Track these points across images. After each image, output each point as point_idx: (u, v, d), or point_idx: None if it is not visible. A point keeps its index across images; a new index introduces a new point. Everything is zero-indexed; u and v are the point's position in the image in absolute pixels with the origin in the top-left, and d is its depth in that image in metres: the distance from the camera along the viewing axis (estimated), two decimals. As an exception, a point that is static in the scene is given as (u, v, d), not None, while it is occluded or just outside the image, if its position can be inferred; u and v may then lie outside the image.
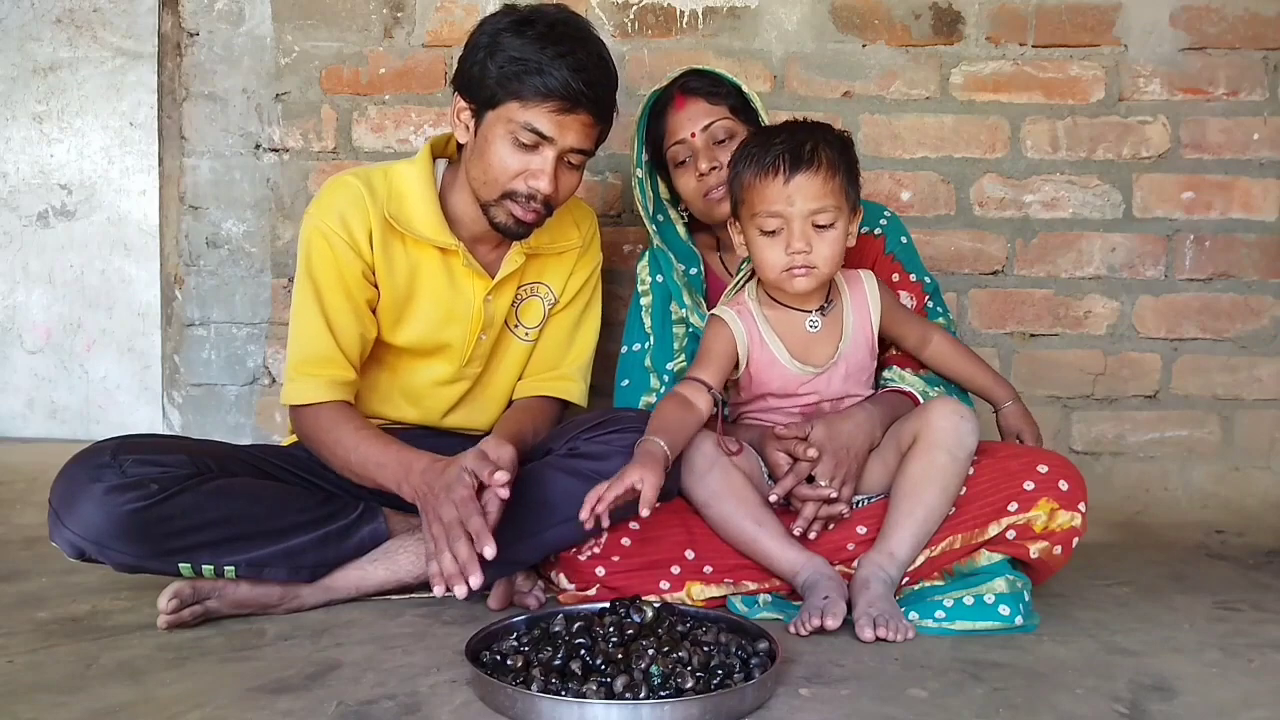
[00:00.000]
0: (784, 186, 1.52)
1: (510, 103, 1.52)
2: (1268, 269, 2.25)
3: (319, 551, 1.52)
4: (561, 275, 1.80)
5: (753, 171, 1.55)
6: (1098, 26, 2.24)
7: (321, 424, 1.57)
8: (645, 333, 1.87)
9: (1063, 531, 1.51)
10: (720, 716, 1.11)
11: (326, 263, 1.60)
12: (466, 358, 1.72)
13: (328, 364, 1.59)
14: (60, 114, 2.46)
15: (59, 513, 1.42)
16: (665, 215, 1.91)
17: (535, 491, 1.53)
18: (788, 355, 1.64)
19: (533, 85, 1.50)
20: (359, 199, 1.61)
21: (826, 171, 1.53)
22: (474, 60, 1.54)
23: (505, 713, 1.12)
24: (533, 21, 1.52)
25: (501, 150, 1.55)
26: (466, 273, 1.68)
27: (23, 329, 2.50)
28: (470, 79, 1.56)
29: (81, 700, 1.16)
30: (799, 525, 1.57)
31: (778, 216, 1.54)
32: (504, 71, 1.51)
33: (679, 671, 1.15)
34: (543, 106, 1.51)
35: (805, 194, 1.52)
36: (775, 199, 1.53)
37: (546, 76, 1.49)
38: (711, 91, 1.78)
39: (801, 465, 1.57)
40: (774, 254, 1.56)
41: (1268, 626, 1.51)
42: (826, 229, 1.55)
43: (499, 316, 1.74)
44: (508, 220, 1.60)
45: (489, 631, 1.30)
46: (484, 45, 1.53)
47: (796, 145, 1.53)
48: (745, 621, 1.37)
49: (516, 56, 1.50)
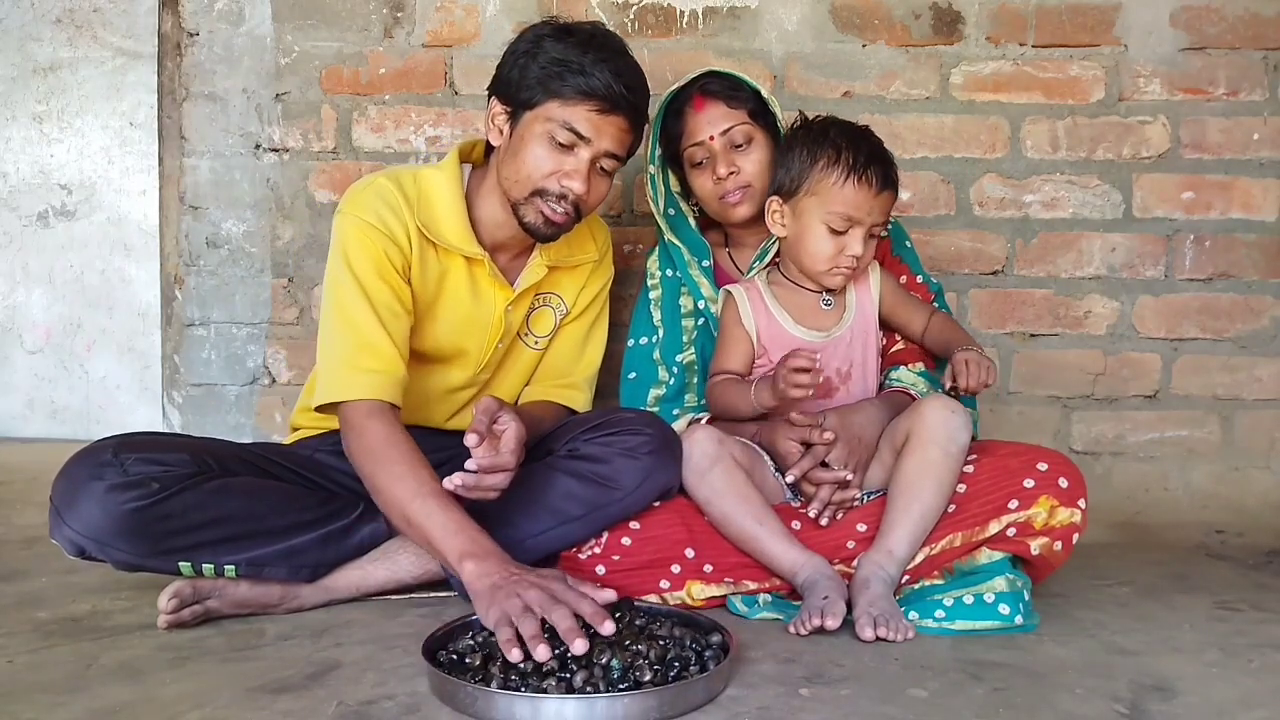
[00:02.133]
0: (874, 198, 1.63)
1: (550, 102, 1.53)
2: (1268, 269, 2.26)
3: (319, 551, 1.52)
4: (574, 287, 1.81)
5: (844, 172, 1.63)
6: (1098, 26, 2.24)
7: (377, 438, 1.45)
8: (654, 325, 1.88)
9: (1063, 528, 1.51)
10: (674, 709, 1.12)
11: (371, 255, 1.55)
12: (482, 365, 1.72)
13: (380, 357, 1.51)
14: (60, 114, 2.47)
15: (60, 510, 1.42)
16: (677, 209, 1.92)
17: (536, 491, 1.53)
18: (792, 322, 1.71)
19: (574, 84, 1.51)
20: (397, 202, 1.59)
21: (895, 192, 1.68)
22: (514, 64, 1.56)
23: (465, 711, 1.12)
24: (574, 31, 1.55)
25: (537, 149, 1.55)
26: (490, 283, 1.67)
27: (23, 329, 2.50)
28: (509, 82, 1.57)
29: (81, 700, 1.16)
30: (814, 508, 1.60)
31: (852, 221, 1.63)
32: (545, 72, 1.52)
33: (637, 665, 1.16)
34: (583, 106, 1.52)
35: (883, 208, 1.66)
36: (860, 206, 1.63)
37: (589, 77, 1.51)
38: (731, 95, 1.78)
39: (819, 448, 1.61)
40: (831, 250, 1.65)
41: (1268, 626, 1.51)
42: (875, 238, 1.68)
43: (515, 326, 1.74)
44: (537, 220, 1.59)
45: (447, 630, 1.30)
46: (524, 50, 1.55)
47: (884, 160, 1.66)
48: (698, 616, 1.38)
49: (558, 58, 1.52)
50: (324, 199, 2.35)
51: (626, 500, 1.54)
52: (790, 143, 1.70)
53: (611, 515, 1.55)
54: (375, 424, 1.47)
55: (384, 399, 1.50)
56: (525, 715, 1.10)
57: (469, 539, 1.36)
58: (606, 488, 1.53)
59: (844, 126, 1.69)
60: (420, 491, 1.40)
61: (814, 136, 1.67)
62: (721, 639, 1.27)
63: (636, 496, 1.55)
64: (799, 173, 1.66)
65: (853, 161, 1.62)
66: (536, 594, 1.24)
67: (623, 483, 1.53)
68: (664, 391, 1.85)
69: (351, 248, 1.56)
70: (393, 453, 1.44)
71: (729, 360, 1.74)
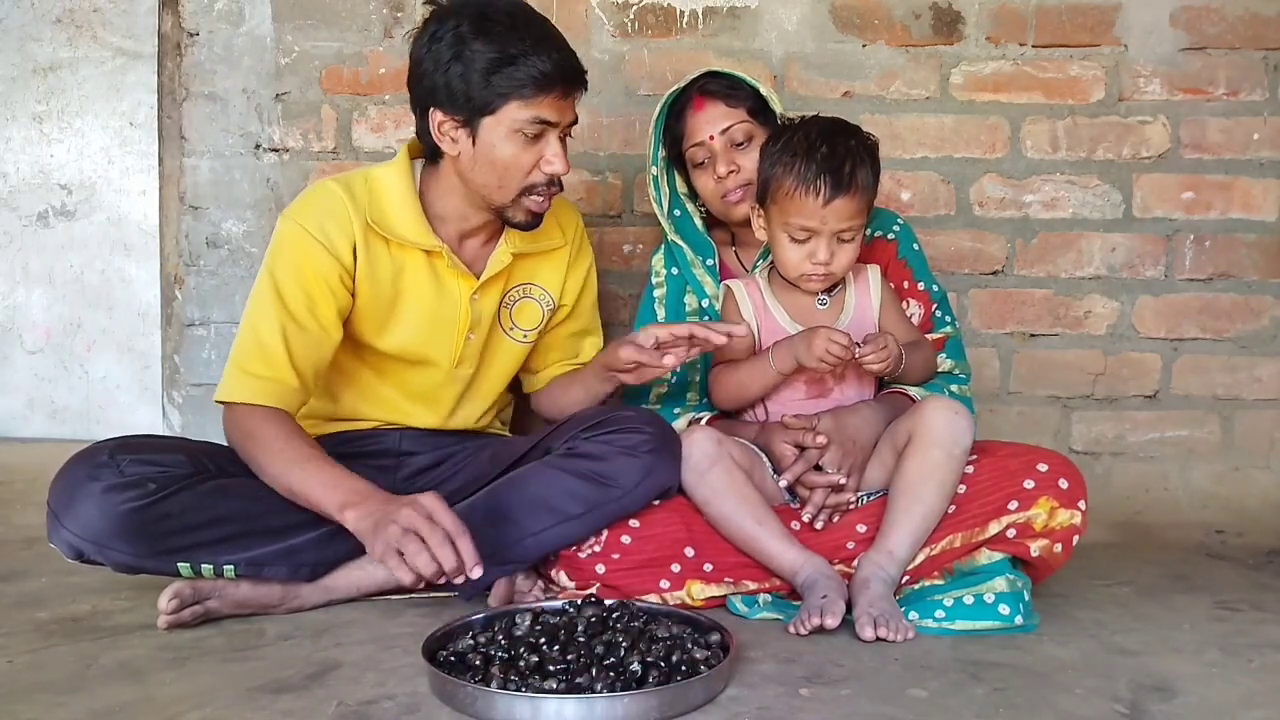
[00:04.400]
0: (821, 208, 1.58)
1: (509, 104, 1.50)
2: (1268, 269, 2.25)
3: (319, 551, 1.52)
4: (556, 277, 1.80)
5: (793, 182, 1.59)
6: (1098, 26, 2.24)
7: (255, 428, 1.50)
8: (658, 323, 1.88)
9: (1063, 530, 1.51)
10: (674, 709, 1.12)
11: (296, 265, 1.56)
12: (456, 358, 1.71)
13: (273, 367, 1.53)
14: (60, 114, 2.46)
15: (57, 513, 1.42)
16: (682, 209, 1.92)
17: (535, 489, 1.53)
18: (789, 320, 1.70)
19: (529, 79, 1.49)
20: (341, 205, 1.58)
21: (860, 194, 1.60)
22: (443, 70, 1.50)
23: (465, 711, 1.12)
24: (489, 17, 1.49)
25: (512, 151, 1.54)
26: (452, 273, 1.66)
27: (23, 329, 2.50)
28: (448, 91, 1.51)
29: (81, 700, 1.16)
30: (808, 511, 1.59)
31: (808, 230, 1.61)
32: (491, 74, 1.48)
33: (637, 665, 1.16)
34: (545, 97, 1.51)
35: (839, 215, 1.60)
36: (810, 216, 1.59)
37: (538, 68, 1.48)
38: (730, 94, 1.78)
39: (810, 452, 1.60)
40: (797, 257, 1.64)
41: (1268, 626, 1.51)
42: (848, 241, 1.64)
43: (487, 316, 1.72)
44: (527, 217, 1.61)
45: (447, 630, 1.30)
46: (450, 55, 1.49)
47: (838, 167, 1.58)
48: (698, 616, 1.38)
49: (498, 57, 1.48)
50: (324, 199, 2.34)
51: (626, 499, 1.54)
52: (763, 147, 1.69)
53: (611, 514, 1.55)
54: (254, 421, 1.51)
55: (267, 404, 1.52)
56: (525, 715, 1.10)
57: (347, 490, 1.42)
58: (606, 486, 1.53)
59: (813, 129, 1.63)
60: (297, 459, 1.46)
61: (780, 142, 1.64)
62: (721, 639, 1.27)
63: (636, 495, 1.54)
64: (764, 180, 1.65)
65: (802, 170, 1.58)
66: (408, 512, 1.32)
67: (622, 481, 1.53)
68: (666, 389, 1.86)
69: (280, 252, 1.58)
70: (268, 431, 1.49)
71: (731, 349, 1.72)
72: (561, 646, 1.21)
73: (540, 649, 1.21)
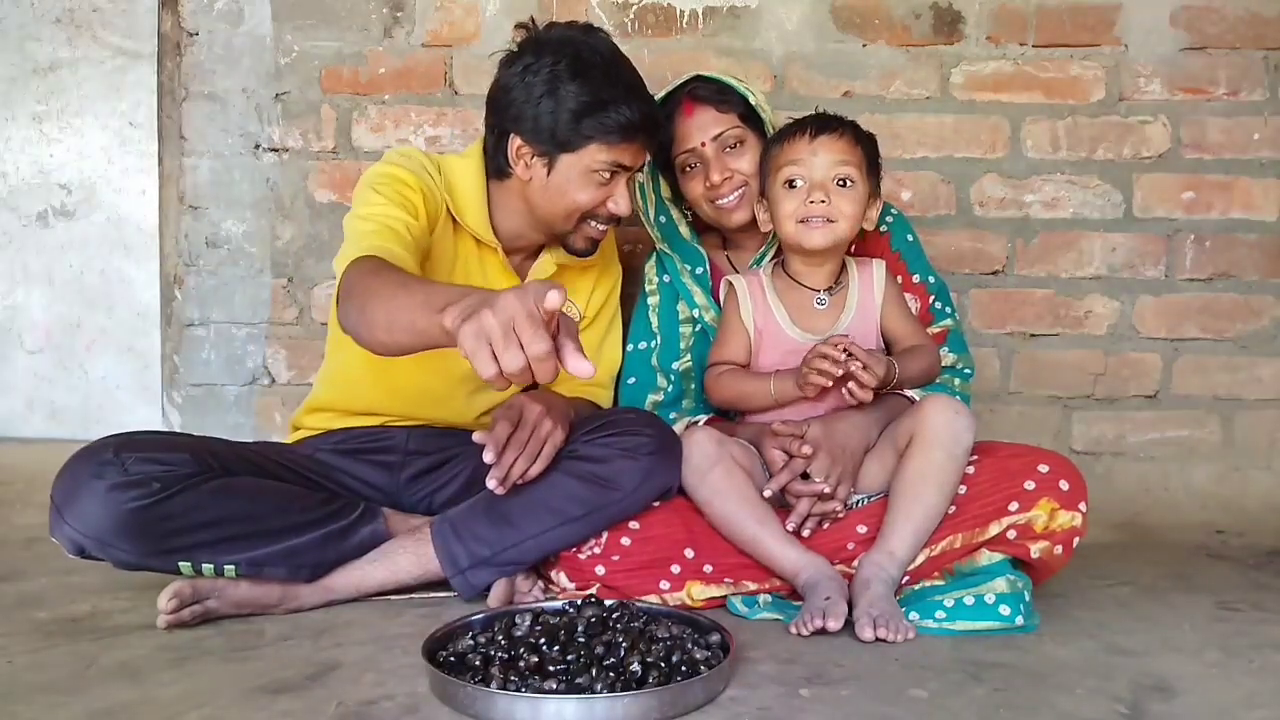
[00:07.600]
0: (809, 143, 1.63)
1: (591, 146, 1.57)
2: (1268, 269, 2.26)
3: (319, 551, 1.52)
4: (585, 290, 1.84)
5: (784, 136, 1.66)
6: (1098, 26, 2.24)
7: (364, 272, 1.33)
8: (652, 331, 1.88)
9: (1063, 531, 1.51)
10: (674, 709, 1.12)
11: (396, 182, 1.55)
12: None
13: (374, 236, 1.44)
14: (60, 114, 2.46)
15: (60, 509, 1.42)
16: (668, 216, 1.91)
17: (536, 492, 1.53)
18: (789, 320, 1.69)
19: (616, 127, 1.56)
20: (433, 170, 1.64)
21: (850, 139, 1.64)
22: (534, 104, 1.56)
23: (465, 711, 1.12)
24: (585, 61, 1.56)
25: (583, 189, 1.62)
26: (502, 274, 1.71)
27: (23, 329, 2.50)
28: (536, 124, 1.57)
29: (81, 700, 1.16)
30: (792, 520, 1.58)
31: (800, 167, 1.62)
32: (581, 116, 1.55)
33: (637, 665, 1.16)
34: (629, 145, 1.59)
35: (829, 150, 1.62)
36: (799, 153, 1.63)
37: (627, 117, 1.55)
38: (720, 99, 1.77)
39: (796, 461, 1.58)
40: (793, 203, 1.63)
41: (1268, 626, 1.51)
42: (847, 187, 1.63)
43: None
44: (586, 244, 1.71)
45: (447, 630, 1.30)
46: (544, 90, 1.55)
47: (824, 116, 1.67)
48: (698, 616, 1.37)
49: (589, 101, 1.54)
50: (324, 199, 2.35)
51: (626, 501, 1.54)
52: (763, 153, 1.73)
53: (611, 515, 1.55)
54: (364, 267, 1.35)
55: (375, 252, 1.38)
56: (525, 716, 1.10)
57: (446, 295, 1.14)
58: (606, 488, 1.53)
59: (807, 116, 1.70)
60: (405, 283, 1.26)
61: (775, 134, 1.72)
62: (721, 639, 1.26)
63: (636, 497, 1.54)
64: (764, 162, 1.71)
65: (792, 125, 1.66)
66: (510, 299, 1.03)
67: (622, 483, 1.53)
68: (662, 398, 1.85)
69: (379, 176, 1.57)
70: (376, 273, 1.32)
71: (729, 350, 1.73)
72: (561, 647, 1.21)
73: (540, 649, 1.21)
